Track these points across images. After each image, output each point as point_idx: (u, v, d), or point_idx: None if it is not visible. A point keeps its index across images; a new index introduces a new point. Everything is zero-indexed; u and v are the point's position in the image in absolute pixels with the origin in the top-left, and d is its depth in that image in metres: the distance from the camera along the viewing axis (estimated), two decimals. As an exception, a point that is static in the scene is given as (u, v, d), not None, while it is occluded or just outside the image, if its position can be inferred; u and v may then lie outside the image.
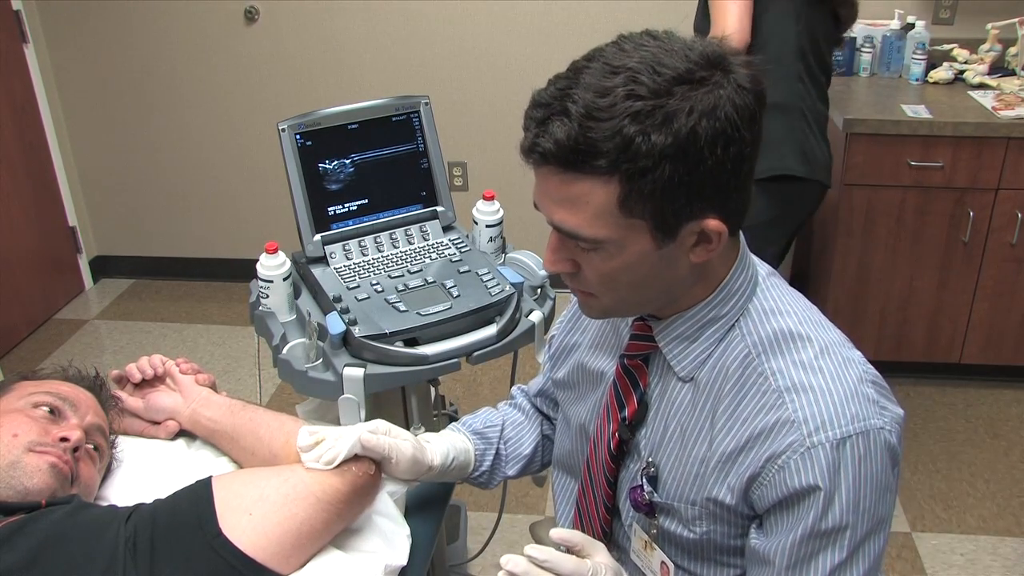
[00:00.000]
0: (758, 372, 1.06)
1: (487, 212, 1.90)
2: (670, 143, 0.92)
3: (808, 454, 1.01)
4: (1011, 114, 2.80)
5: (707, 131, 0.93)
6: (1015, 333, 3.09)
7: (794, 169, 2.30)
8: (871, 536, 1.05)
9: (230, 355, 3.60)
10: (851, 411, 1.02)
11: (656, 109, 0.92)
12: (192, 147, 3.93)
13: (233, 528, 1.13)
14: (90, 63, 3.82)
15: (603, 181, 0.95)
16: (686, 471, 1.13)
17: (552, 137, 0.95)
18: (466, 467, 1.41)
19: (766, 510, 1.06)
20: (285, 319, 1.75)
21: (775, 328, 1.08)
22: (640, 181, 0.94)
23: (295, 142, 1.74)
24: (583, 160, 0.94)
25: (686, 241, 1.01)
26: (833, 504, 1.01)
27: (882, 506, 1.05)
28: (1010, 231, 2.92)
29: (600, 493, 1.26)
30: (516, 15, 3.53)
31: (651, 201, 0.96)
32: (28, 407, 1.29)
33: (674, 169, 0.93)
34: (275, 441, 1.33)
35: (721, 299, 1.10)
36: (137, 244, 4.17)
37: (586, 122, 0.93)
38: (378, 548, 1.28)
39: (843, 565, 1.04)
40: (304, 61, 3.71)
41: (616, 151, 0.92)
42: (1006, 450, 2.95)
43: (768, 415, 1.04)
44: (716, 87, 0.94)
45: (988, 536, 2.60)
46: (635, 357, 1.18)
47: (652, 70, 0.93)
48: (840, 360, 1.06)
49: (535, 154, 0.97)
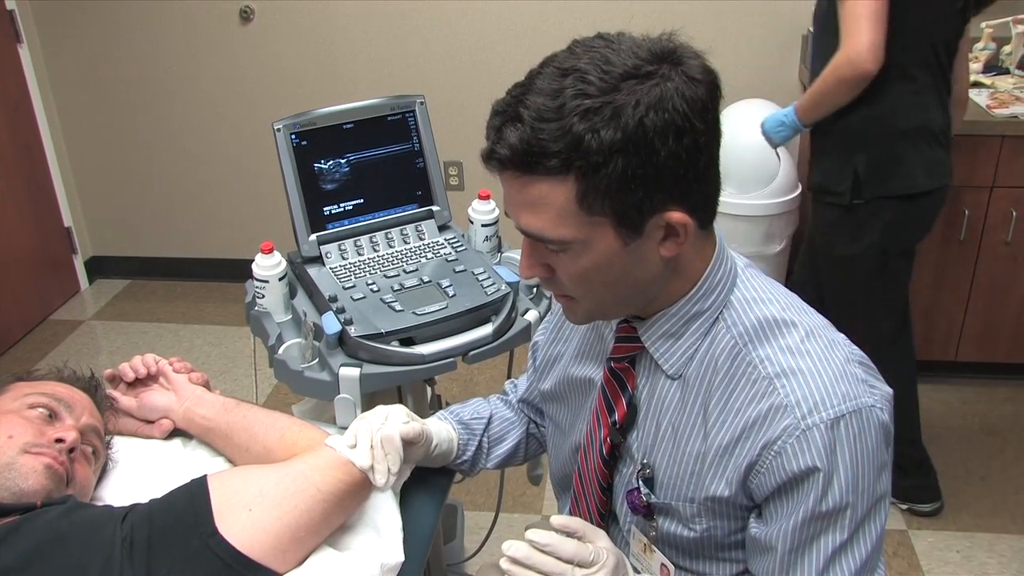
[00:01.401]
0: (747, 362, 1.07)
1: (483, 211, 1.90)
2: (619, 137, 0.94)
3: (803, 437, 1.01)
4: (1006, 112, 2.81)
5: (655, 123, 0.94)
6: (1010, 331, 3.10)
7: (921, 185, 2.23)
8: (871, 515, 1.05)
9: (226, 355, 3.60)
10: (842, 390, 1.03)
11: (604, 106, 0.94)
12: (187, 147, 3.93)
13: (231, 525, 1.13)
14: (85, 63, 3.82)
15: (560, 181, 0.97)
16: (682, 469, 1.13)
17: (507, 143, 0.97)
18: (448, 455, 1.42)
19: (765, 498, 1.07)
20: (281, 319, 1.75)
21: (759, 316, 1.09)
22: (595, 177, 0.95)
23: (290, 142, 1.74)
24: (537, 161, 0.96)
25: (654, 235, 1.02)
26: (832, 484, 1.02)
27: (879, 484, 1.05)
28: (1005, 229, 2.92)
29: (594, 500, 1.26)
30: (511, 14, 3.53)
31: (609, 197, 0.97)
32: (23, 408, 1.29)
33: (627, 162, 0.95)
34: (269, 437, 1.34)
35: (703, 293, 1.10)
36: (133, 244, 4.17)
37: (537, 124, 0.95)
38: (372, 545, 1.28)
39: (845, 546, 1.04)
40: (299, 61, 3.71)
41: (567, 150, 0.94)
42: (1001, 447, 2.95)
43: (760, 403, 1.05)
44: (664, 80, 0.95)
45: (984, 533, 2.61)
46: (622, 360, 1.18)
47: (600, 69, 0.95)
48: (826, 342, 1.07)
49: (493, 160, 1.00)
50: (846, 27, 2.06)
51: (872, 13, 2.03)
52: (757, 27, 3.43)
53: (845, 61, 2.06)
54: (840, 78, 2.09)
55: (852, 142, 2.21)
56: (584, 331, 1.31)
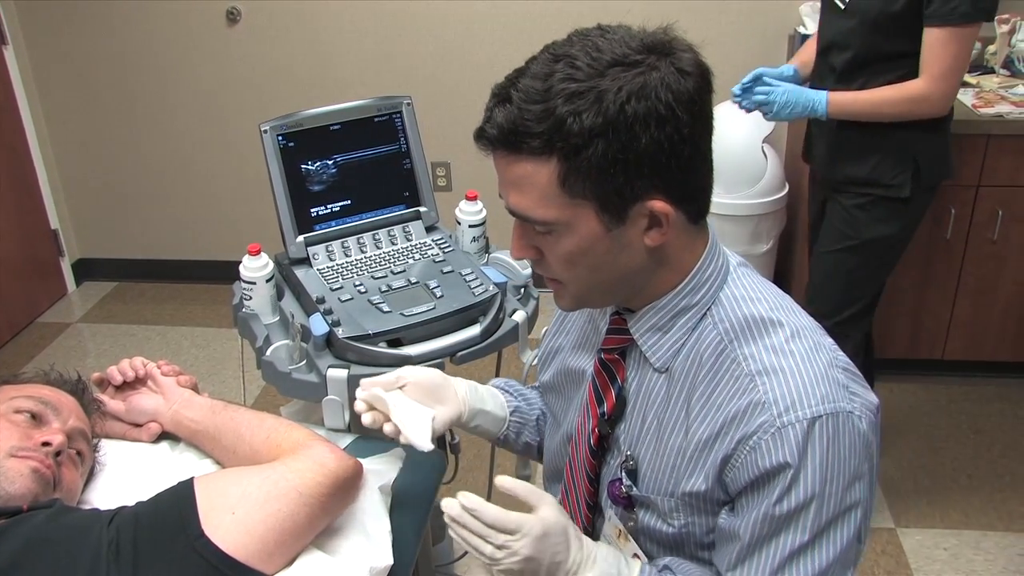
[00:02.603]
0: (731, 359, 1.08)
1: (470, 212, 1.90)
2: (600, 122, 0.96)
3: (779, 434, 1.02)
4: (991, 111, 2.82)
5: (636, 110, 0.96)
6: (997, 329, 3.11)
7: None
8: (837, 524, 1.04)
9: (214, 357, 3.58)
10: (820, 392, 1.03)
11: (589, 90, 0.96)
12: (174, 148, 3.92)
13: (216, 528, 1.13)
14: (70, 64, 3.80)
15: (543, 161, 1.00)
16: (663, 463, 1.14)
17: (495, 122, 1.01)
18: (489, 436, 1.43)
19: (738, 492, 1.07)
20: (269, 321, 1.74)
21: (746, 314, 1.09)
22: (576, 159, 0.98)
23: (277, 143, 1.73)
24: (521, 140, 0.99)
25: (637, 224, 1.03)
26: (798, 482, 1.02)
27: (851, 493, 1.04)
28: (991, 227, 2.94)
29: (582, 490, 1.27)
30: (499, 15, 3.53)
31: (590, 180, 0.99)
32: (9, 412, 1.29)
33: (607, 147, 0.97)
34: (256, 438, 1.33)
35: (692, 288, 1.11)
36: (120, 246, 4.15)
37: (524, 105, 0.98)
38: (361, 548, 1.28)
39: (804, 550, 1.04)
40: (286, 62, 3.70)
41: (550, 131, 0.97)
42: (988, 445, 2.97)
43: (740, 399, 1.05)
44: (650, 69, 0.98)
45: (971, 531, 2.62)
46: (612, 351, 1.20)
47: (589, 56, 0.98)
48: (811, 344, 1.08)
49: (483, 140, 1.03)
50: (936, 63, 2.08)
51: (964, 65, 2.10)
52: (744, 27, 3.44)
53: (925, 98, 2.11)
54: (912, 111, 2.14)
55: (912, 142, 2.25)
56: (582, 323, 1.32)
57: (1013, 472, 2.84)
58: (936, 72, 2.08)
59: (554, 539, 1.10)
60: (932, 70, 2.09)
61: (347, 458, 1.29)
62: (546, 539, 1.09)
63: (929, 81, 2.09)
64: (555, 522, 1.11)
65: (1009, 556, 2.53)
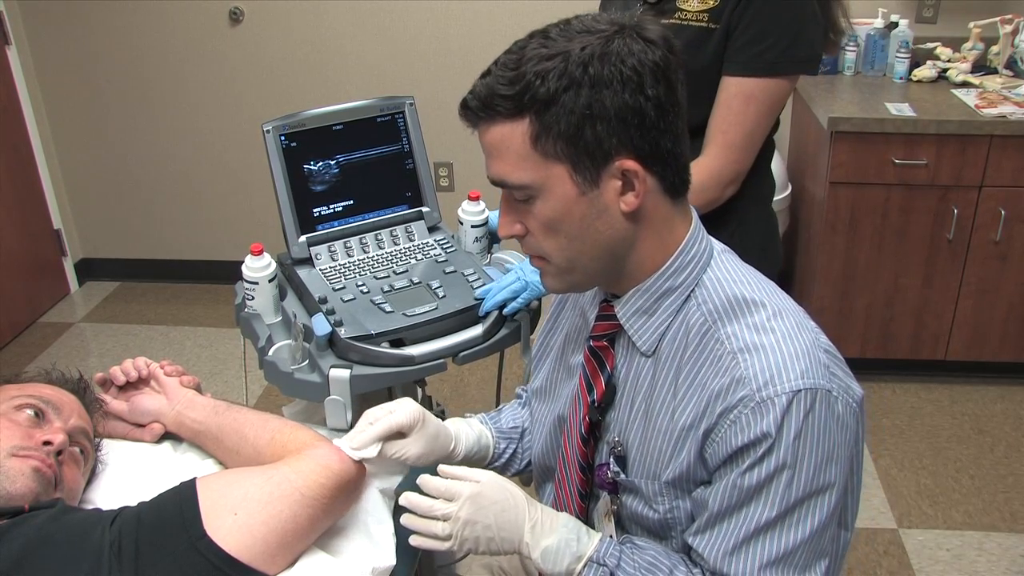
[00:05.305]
0: (715, 339, 1.09)
1: (472, 212, 1.90)
2: (565, 81, 1.01)
3: (758, 408, 1.03)
4: (994, 112, 2.82)
5: (600, 70, 1.01)
6: (999, 330, 3.11)
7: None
8: (807, 504, 1.05)
9: (216, 357, 3.59)
10: (801, 367, 1.04)
11: (557, 54, 1.02)
12: (177, 148, 3.92)
13: (218, 529, 1.13)
14: (73, 64, 3.80)
15: (516, 123, 1.04)
16: (651, 447, 1.15)
17: (475, 93, 1.07)
18: (482, 461, 1.45)
19: (716, 467, 1.08)
20: (271, 321, 1.74)
21: (730, 295, 1.11)
22: (545, 117, 1.02)
23: (280, 143, 1.73)
24: (495, 104, 1.05)
25: (611, 185, 1.06)
26: (771, 453, 1.03)
27: (824, 473, 1.05)
28: (993, 228, 2.93)
29: (574, 478, 1.28)
30: (501, 15, 3.53)
31: (561, 139, 1.03)
32: (11, 411, 1.29)
33: (573, 103, 1.01)
34: (259, 439, 1.33)
35: (675, 269, 1.13)
36: (122, 246, 4.16)
37: (499, 73, 1.05)
38: (363, 549, 1.28)
39: (771, 525, 1.04)
40: (289, 62, 3.70)
41: (520, 93, 1.03)
42: (991, 446, 2.96)
43: (723, 377, 1.07)
44: (616, 35, 1.03)
45: (974, 531, 2.62)
46: (601, 338, 1.21)
47: (561, 29, 1.06)
48: (793, 323, 1.09)
49: (465, 110, 1.09)
50: (734, 138, 1.66)
51: (759, 141, 1.69)
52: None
53: (716, 185, 1.68)
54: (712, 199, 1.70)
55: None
56: (572, 316, 1.34)
57: (1016, 473, 2.84)
58: (727, 126, 1.64)
59: (492, 495, 1.14)
60: (726, 143, 1.65)
61: (350, 459, 1.29)
62: (481, 497, 1.13)
63: (721, 161, 1.66)
64: (490, 482, 1.15)
65: (1012, 557, 2.52)
